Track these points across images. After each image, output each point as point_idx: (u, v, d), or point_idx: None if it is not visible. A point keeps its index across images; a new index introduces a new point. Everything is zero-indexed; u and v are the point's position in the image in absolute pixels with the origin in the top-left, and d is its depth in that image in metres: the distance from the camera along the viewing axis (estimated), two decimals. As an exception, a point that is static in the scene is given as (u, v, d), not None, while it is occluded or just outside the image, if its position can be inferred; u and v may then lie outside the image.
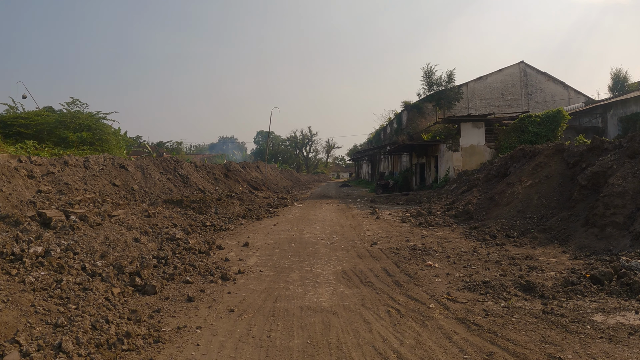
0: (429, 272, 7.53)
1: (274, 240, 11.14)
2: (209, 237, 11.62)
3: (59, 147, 22.59)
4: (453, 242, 10.77)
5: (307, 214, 17.61)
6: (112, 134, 27.63)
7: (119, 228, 9.71)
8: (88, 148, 24.20)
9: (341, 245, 10.23)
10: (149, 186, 22.25)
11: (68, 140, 23.76)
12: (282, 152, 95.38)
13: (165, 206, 16.77)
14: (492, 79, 37.84)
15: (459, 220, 14.49)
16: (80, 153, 22.14)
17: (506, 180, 16.06)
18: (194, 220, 14.81)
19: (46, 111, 26.52)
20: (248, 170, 41.38)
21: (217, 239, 11.36)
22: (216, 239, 11.35)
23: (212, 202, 17.52)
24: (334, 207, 21.15)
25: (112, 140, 27.32)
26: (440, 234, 12.15)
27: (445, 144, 26.30)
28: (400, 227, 13.54)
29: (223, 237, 11.71)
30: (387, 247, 9.78)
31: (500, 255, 9.21)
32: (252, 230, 13.00)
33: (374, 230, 12.80)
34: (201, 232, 12.41)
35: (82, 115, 25.68)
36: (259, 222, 15.28)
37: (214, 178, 30.45)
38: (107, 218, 10.78)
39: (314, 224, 14.45)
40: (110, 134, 26.94)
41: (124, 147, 32.67)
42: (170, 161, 26.60)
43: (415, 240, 10.86)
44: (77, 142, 24.16)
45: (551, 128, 24.80)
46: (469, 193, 17.41)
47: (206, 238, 11.38)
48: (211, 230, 12.94)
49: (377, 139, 58.57)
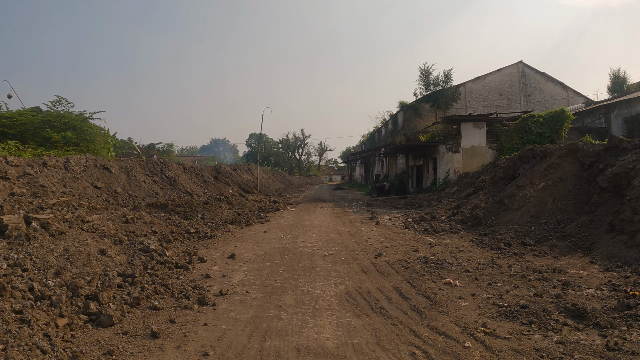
0: (450, 292, 6.25)
1: (264, 250, 9.80)
2: (192, 247, 10.32)
3: (43, 148, 21.73)
4: (466, 252, 9.55)
5: (301, 219, 16.31)
6: (99, 134, 26.45)
7: (85, 237, 8.35)
8: (73, 149, 23.29)
9: (341, 257, 8.91)
10: (133, 189, 20.97)
11: (52, 141, 22.92)
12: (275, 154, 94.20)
13: (149, 210, 15.48)
14: (490, 79, 36.81)
15: (466, 226, 13.29)
16: (65, 154, 21.17)
17: (516, 182, 14.87)
18: (178, 226, 13.54)
19: (32, 111, 25.37)
20: (239, 173, 40.05)
21: (200, 249, 10.05)
22: (199, 249, 10.03)
23: (199, 206, 16.20)
24: (329, 212, 19.87)
25: (99, 141, 26.18)
26: (449, 242, 10.92)
27: (445, 144, 25.12)
28: (404, 234, 12.29)
29: (207, 247, 10.39)
30: (394, 259, 8.49)
31: (523, 267, 8.03)
32: (241, 239, 11.66)
33: (375, 238, 11.53)
34: (183, 241, 11.11)
35: (67, 115, 24.70)
36: (248, 228, 13.96)
37: (203, 180, 29.13)
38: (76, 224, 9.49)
39: (309, 230, 13.15)
40: (96, 134, 25.74)
41: (111, 148, 31.54)
42: (156, 163, 25.24)
43: (424, 250, 9.61)
44: (61, 143, 23.30)
45: (555, 128, 23.75)
46: (474, 196, 16.21)
47: (188, 248, 10.07)
48: (195, 238, 11.62)
49: (371, 140, 57.38)
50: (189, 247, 10.33)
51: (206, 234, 12.15)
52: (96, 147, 25.49)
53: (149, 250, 8.30)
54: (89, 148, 24.65)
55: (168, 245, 10.38)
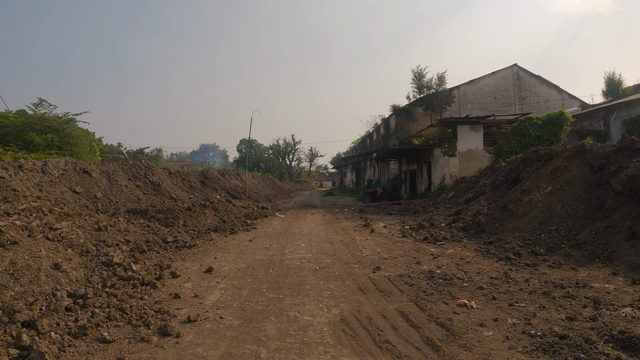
0: (467, 316, 5.17)
1: (246, 263, 8.63)
2: (167, 258, 9.20)
3: (24, 151, 20.67)
4: (473, 264, 8.52)
5: (290, 227, 15.19)
6: (83, 137, 25.35)
7: (39, 248, 7.20)
8: (55, 152, 22.20)
9: (334, 272, 7.78)
10: (114, 194, 19.83)
11: (34, 144, 21.80)
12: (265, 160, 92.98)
13: (128, 216, 14.34)
14: (484, 82, 35.97)
15: (468, 234, 12.29)
16: (47, 157, 20.08)
17: (520, 186, 13.92)
18: (156, 234, 12.43)
19: (16, 114, 24.30)
20: (227, 178, 38.88)
21: (175, 261, 8.92)
22: (175, 261, 8.90)
23: (181, 212, 15.05)
24: (319, 218, 18.78)
25: (83, 144, 25.08)
26: (452, 252, 9.89)
27: (441, 148, 24.14)
28: (402, 243, 11.23)
29: (184, 258, 9.25)
30: (395, 274, 7.39)
31: (542, 281, 7.04)
32: (222, 249, 10.52)
33: (371, 247, 10.44)
34: (159, 251, 9.99)
35: (49, 117, 23.68)
36: (232, 236, 12.82)
37: (190, 186, 27.97)
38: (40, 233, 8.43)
39: (298, 239, 12.02)
40: (79, 137, 24.64)
41: (97, 152, 30.48)
42: (140, 167, 24.07)
43: (427, 262, 8.55)
44: (43, 146, 22.20)
45: (554, 131, 22.94)
46: (475, 202, 15.21)
47: (162, 259, 8.95)
48: (172, 248, 10.50)
49: (362, 146, 56.40)
50: (164, 258, 9.21)
51: (185, 243, 11.02)
52: (80, 150, 24.49)
53: (111, 264, 7.15)
54: (72, 151, 23.70)
55: (141, 257, 9.27)
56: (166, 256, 9.44)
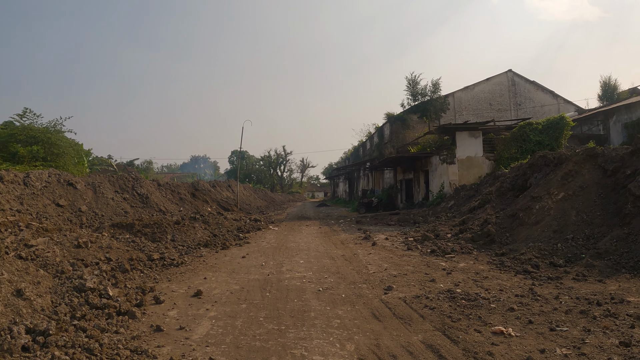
0: (509, 348, 4.27)
1: (240, 284, 7.67)
2: (151, 279, 8.26)
3: (8, 163, 19.98)
4: (492, 279, 7.68)
5: (285, 240, 14.27)
6: (70, 147, 24.44)
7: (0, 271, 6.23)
8: (41, 164, 21.35)
9: (341, 293, 6.84)
10: (100, 207, 18.83)
11: (18, 156, 21.04)
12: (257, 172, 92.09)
13: (113, 231, 13.41)
14: (479, 88, 35.44)
15: (478, 245, 11.46)
16: (32, 169, 19.18)
17: (529, 193, 13.15)
18: (142, 250, 11.48)
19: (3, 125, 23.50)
20: (218, 190, 37.93)
21: (161, 282, 7.97)
22: (160, 282, 7.96)
23: (169, 226, 14.09)
24: (315, 230, 17.86)
25: (70, 155, 24.15)
26: (464, 266, 9.05)
27: (439, 156, 23.38)
28: (409, 257, 10.35)
29: (170, 278, 8.30)
30: (411, 295, 6.48)
31: (573, 298, 6.25)
32: (213, 267, 9.55)
33: (377, 263, 9.52)
34: (143, 270, 9.04)
35: (33, 128, 22.83)
36: (224, 252, 11.87)
37: (179, 198, 26.95)
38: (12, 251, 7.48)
39: (296, 255, 11.08)
40: (65, 147, 23.74)
41: (86, 164, 29.58)
42: (128, 179, 23.07)
43: (441, 279, 7.68)
44: (28, 157, 21.26)
45: (554, 136, 22.31)
46: (481, 210, 14.40)
47: (145, 280, 8.00)
48: (158, 267, 9.55)
49: (355, 155, 55.69)
50: (148, 279, 8.27)
51: (173, 260, 10.07)
52: (66, 161, 23.69)
53: (84, 289, 6.19)
54: (58, 163, 22.85)
55: (122, 277, 8.34)
56: (151, 276, 8.50)
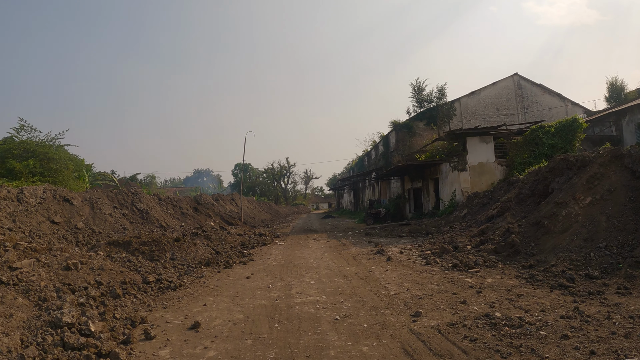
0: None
1: (244, 312, 6.74)
2: (145, 306, 7.40)
3: (5, 179, 19.46)
4: (527, 297, 6.80)
5: (293, 257, 13.36)
6: (69, 162, 23.81)
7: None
8: (38, 179, 20.85)
9: (361, 323, 5.87)
10: (97, 223, 18.03)
11: (15, 171, 20.46)
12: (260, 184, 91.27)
13: (109, 249, 12.63)
14: (485, 93, 34.63)
15: (502, 257, 10.54)
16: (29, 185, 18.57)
17: (552, 199, 12.25)
18: (138, 271, 10.65)
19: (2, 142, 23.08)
20: (222, 203, 37.07)
21: (155, 310, 7.09)
22: (153, 310, 7.08)
23: (168, 244, 13.25)
24: (324, 244, 16.96)
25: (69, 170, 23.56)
26: (492, 282, 8.15)
27: (449, 163, 22.49)
28: (429, 273, 9.43)
29: (166, 305, 7.41)
30: (444, 323, 5.54)
31: (626, 316, 5.54)
32: (214, 290, 8.64)
33: (396, 282, 8.59)
34: (137, 294, 8.18)
35: (30, 142, 22.31)
36: (227, 272, 10.97)
37: (181, 213, 26.15)
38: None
39: (305, 273, 10.13)
40: (64, 161, 23.08)
41: (86, 179, 28.95)
42: (127, 194, 22.29)
43: (473, 300, 6.75)
44: (25, 173, 20.60)
45: (568, 139, 21.46)
46: (500, 219, 13.49)
47: (136, 309, 7.13)
48: (154, 290, 8.69)
49: (360, 165, 54.86)
50: (141, 305, 7.40)
51: (170, 283, 9.19)
52: (64, 176, 22.99)
53: (60, 325, 5.31)
54: (56, 178, 22.19)
55: (113, 304, 7.49)
56: (145, 302, 7.63)
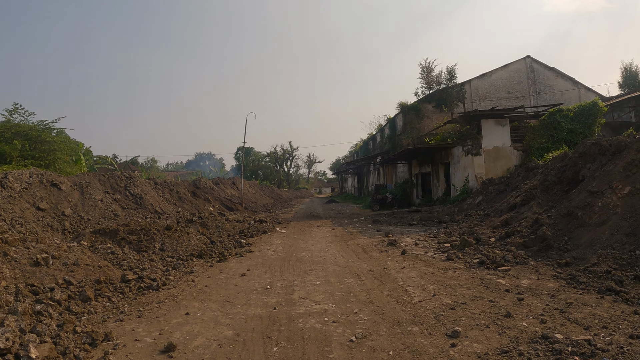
0: None
1: (234, 326, 5.39)
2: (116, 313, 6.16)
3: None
4: (578, 306, 5.56)
5: (295, 248, 12.10)
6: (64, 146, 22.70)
7: None
8: (30, 162, 19.94)
9: (384, 347, 4.48)
10: (87, 210, 16.75)
11: (6, 155, 19.56)
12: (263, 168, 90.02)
13: (94, 238, 11.41)
14: (496, 75, 33.06)
15: (532, 252, 9.25)
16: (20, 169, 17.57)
17: (585, 187, 10.93)
18: (120, 265, 9.48)
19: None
20: (222, 188, 35.79)
21: (127, 319, 5.85)
22: (125, 319, 5.83)
23: (158, 232, 12.01)
24: (329, 233, 15.70)
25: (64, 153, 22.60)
26: (528, 284, 6.89)
27: (462, 147, 21.12)
28: (453, 271, 8.16)
29: (142, 312, 6.15)
30: (493, 349, 4.26)
31: None
32: (202, 291, 7.36)
33: (417, 283, 7.29)
34: (111, 297, 6.97)
35: (23, 125, 21.38)
36: (220, 266, 9.72)
37: (178, 197, 24.85)
38: None
39: (310, 270, 8.83)
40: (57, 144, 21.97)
41: (83, 162, 27.85)
42: (120, 178, 20.99)
43: (516, 310, 5.47)
44: (15, 156, 19.44)
45: (587, 123, 20.08)
46: (525, 208, 12.19)
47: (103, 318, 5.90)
48: (133, 291, 7.47)
49: (364, 149, 53.39)
50: (113, 313, 6.17)
51: (152, 282, 7.95)
52: (57, 159, 21.94)
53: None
54: (49, 161, 21.28)
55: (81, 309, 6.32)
56: (119, 307, 6.41)
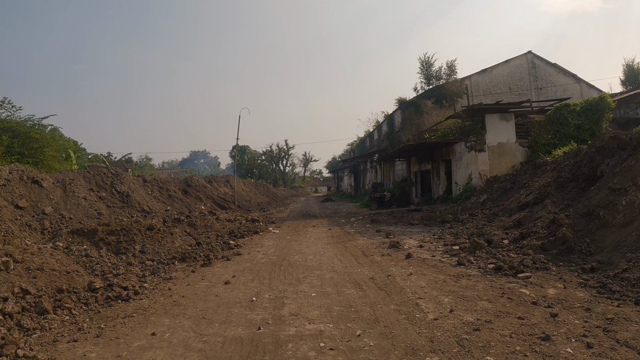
0: None
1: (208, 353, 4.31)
2: (73, 329, 5.17)
3: None
4: (620, 322, 4.65)
5: (288, 250, 11.08)
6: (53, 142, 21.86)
7: None
8: (17, 158, 19.21)
9: None
10: (69, 208, 15.71)
11: None
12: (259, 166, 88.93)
13: (71, 239, 10.42)
14: (497, 71, 32.16)
15: (551, 256, 8.29)
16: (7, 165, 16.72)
17: (605, 185, 9.98)
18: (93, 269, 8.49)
19: None
20: (215, 186, 34.72)
21: (81, 340, 4.84)
22: (78, 341, 4.83)
23: (140, 233, 10.99)
24: (325, 233, 14.71)
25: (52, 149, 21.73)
26: (555, 294, 5.94)
27: (465, 143, 20.14)
28: (467, 278, 7.17)
29: (102, 330, 5.13)
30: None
31: None
32: (177, 303, 6.30)
33: (429, 294, 6.29)
34: (73, 309, 5.99)
35: (10, 120, 20.65)
36: (204, 271, 8.70)
37: (168, 195, 23.78)
38: None
39: (303, 278, 7.79)
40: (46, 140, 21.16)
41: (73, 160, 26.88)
42: (106, 174, 19.92)
43: (555, 333, 4.47)
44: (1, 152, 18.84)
45: (594, 119, 19.20)
46: (539, 207, 11.23)
47: (55, 338, 4.91)
48: (100, 301, 6.48)
49: (361, 147, 52.40)
50: (70, 330, 5.17)
51: (123, 289, 6.95)
52: (46, 156, 21.13)
53: None
54: (37, 158, 20.40)
55: (34, 324, 5.37)
56: (78, 322, 5.42)
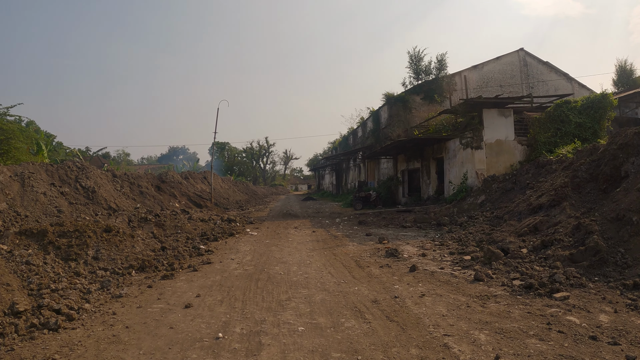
0: None
1: None
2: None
3: None
4: None
5: (268, 259, 9.46)
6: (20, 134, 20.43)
7: None
8: None
9: None
10: (26, 204, 14.01)
11: None
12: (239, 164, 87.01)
13: (18, 241, 8.74)
14: (488, 68, 31.04)
15: (583, 269, 6.89)
16: None
17: (633, 186, 8.65)
18: (29, 282, 6.82)
19: None
20: (192, 182, 32.91)
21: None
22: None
23: (95, 235, 9.32)
24: (309, 236, 13.16)
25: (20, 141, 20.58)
26: (609, 322, 4.56)
27: (460, 139, 18.78)
28: (495, 302, 5.69)
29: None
30: None
31: None
32: (114, 342, 4.58)
33: (455, 327, 4.74)
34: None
35: None
36: (163, 286, 7.04)
37: (139, 192, 21.96)
38: None
39: (287, 301, 6.08)
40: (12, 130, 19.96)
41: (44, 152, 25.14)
42: (71, 168, 18.09)
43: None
44: None
45: (596, 117, 18.12)
46: (557, 210, 9.84)
47: None
48: (20, 330, 4.86)
49: (344, 145, 50.94)
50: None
51: (54, 313, 5.33)
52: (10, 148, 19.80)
53: None
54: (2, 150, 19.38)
55: None
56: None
